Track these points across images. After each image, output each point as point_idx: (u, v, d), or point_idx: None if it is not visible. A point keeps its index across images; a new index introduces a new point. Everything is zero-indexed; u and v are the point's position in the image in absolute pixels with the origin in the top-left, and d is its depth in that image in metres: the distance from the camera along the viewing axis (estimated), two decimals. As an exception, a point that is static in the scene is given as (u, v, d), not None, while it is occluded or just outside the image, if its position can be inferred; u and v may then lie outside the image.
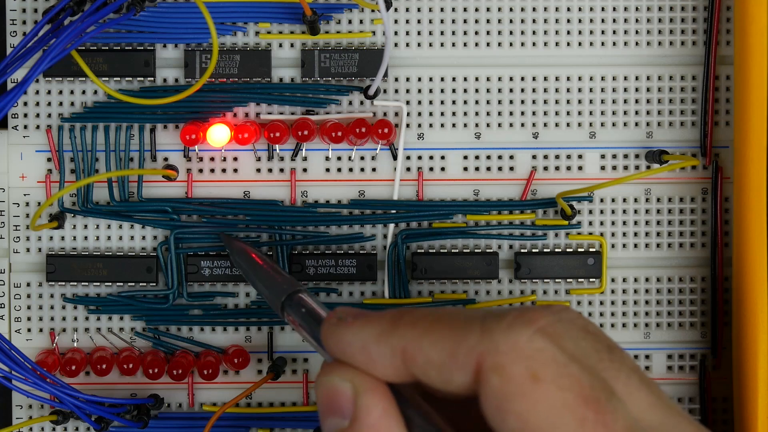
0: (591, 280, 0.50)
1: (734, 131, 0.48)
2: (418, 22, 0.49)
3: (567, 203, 0.49)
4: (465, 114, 0.49)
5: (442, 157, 0.50)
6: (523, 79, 0.49)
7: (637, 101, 0.50)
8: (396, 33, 0.49)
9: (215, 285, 0.49)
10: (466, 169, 0.50)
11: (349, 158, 0.50)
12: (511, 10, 0.49)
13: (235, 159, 0.49)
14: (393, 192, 0.50)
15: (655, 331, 0.50)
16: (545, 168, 0.50)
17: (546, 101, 0.49)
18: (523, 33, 0.49)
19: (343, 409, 0.37)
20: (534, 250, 0.50)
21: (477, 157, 0.50)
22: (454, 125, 0.49)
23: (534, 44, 0.49)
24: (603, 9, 0.49)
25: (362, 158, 0.50)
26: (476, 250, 0.49)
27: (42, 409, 0.50)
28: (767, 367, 0.46)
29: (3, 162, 0.49)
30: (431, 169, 0.50)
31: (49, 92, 0.49)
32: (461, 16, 0.49)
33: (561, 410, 0.34)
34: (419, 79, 0.49)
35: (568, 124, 0.50)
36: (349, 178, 0.50)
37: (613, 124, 0.50)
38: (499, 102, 0.49)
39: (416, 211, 0.49)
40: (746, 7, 0.47)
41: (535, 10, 0.49)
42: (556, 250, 0.50)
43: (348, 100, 0.49)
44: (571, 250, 0.50)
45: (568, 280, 0.50)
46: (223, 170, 0.49)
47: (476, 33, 0.49)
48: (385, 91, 0.49)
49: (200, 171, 0.49)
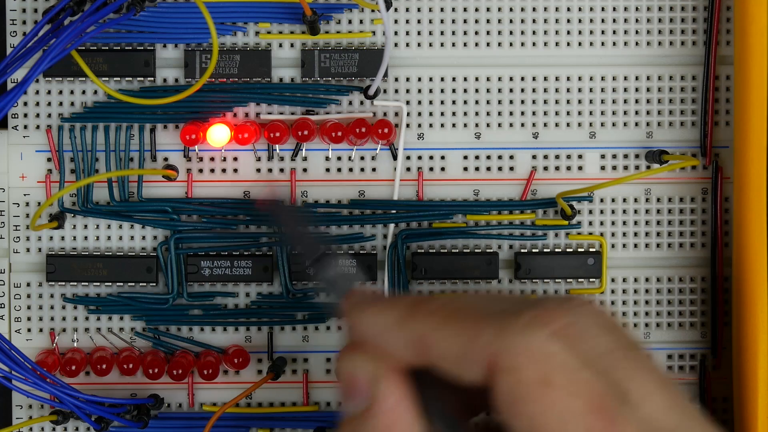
0: (591, 280, 0.50)
1: (734, 131, 0.48)
2: (418, 22, 0.49)
3: (567, 203, 0.49)
4: (465, 114, 0.49)
5: (442, 157, 0.50)
6: (523, 79, 0.49)
7: (637, 101, 0.50)
8: (396, 33, 0.49)
9: (215, 285, 0.49)
10: (466, 169, 0.50)
11: (349, 158, 0.50)
12: (511, 10, 0.49)
13: (235, 159, 0.49)
14: (393, 192, 0.50)
15: (655, 331, 0.50)
16: (545, 168, 0.50)
17: (546, 101, 0.49)
18: (523, 33, 0.49)
19: (361, 393, 0.38)
20: (534, 250, 0.50)
21: (477, 157, 0.50)
22: (454, 125, 0.49)
23: (534, 44, 0.49)
24: (603, 9, 0.49)
25: (362, 158, 0.50)
26: (476, 250, 0.49)
27: (42, 409, 0.50)
28: (767, 367, 0.46)
29: (3, 162, 0.49)
30: (431, 169, 0.50)
31: (49, 92, 0.49)
32: (461, 16, 0.49)
33: (570, 417, 0.34)
34: (419, 79, 0.49)
35: (568, 124, 0.50)
36: (349, 178, 0.50)
37: (613, 124, 0.50)
38: (499, 102, 0.49)
39: (416, 211, 0.49)
40: (746, 7, 0.47)
41: (535, 10, 0.49)
42: (556, 250, 0.50)
43: (348, 100, 0.49)
44: (571, 250, 0.50)
45: (568, 280, 0.49)
46: (223, 170, 0.49)
47: (476, 33, 0.49)
48: (385, 91, 0.49)
49: (200, 171, 0.49)
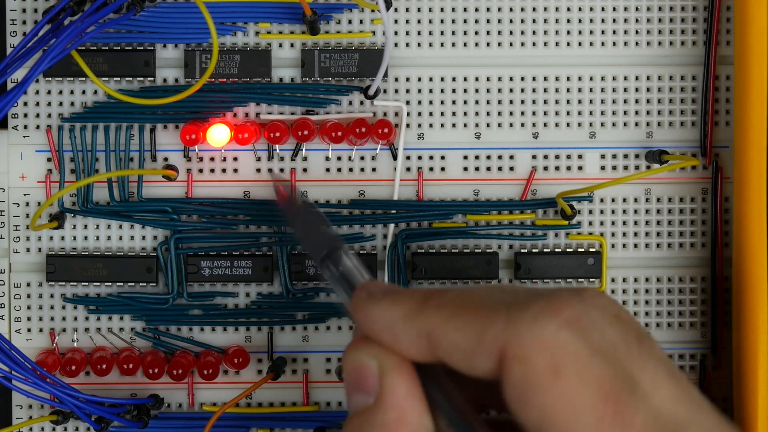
0: (591, 280, 0.50)
1: (734, 131, 0.48)
2: (418, 22, 0.49)
3: (567, 203, 0.49)
4: (465, 114, 0.49)
5: (442, 157, 0.50)
6: (523, 79, 0.49)
7: (637, 101, 0.50)
8: (396, 33, 0.49)
9: (215, 285, 0.49)
10: (466, 169, 0.50)
11: (349, 158, 0.50)
12: (511, 10, 0.49)
13: (235, 159, 0.49)
14: (393, 192, 0.50)
15: (655, 331, 0.50)
16: (545, 168, 0.50)
17: (546, 101, 0.49)
18: (523, 33, 0.49)
19: (368, 387, 0.37)
20: (534, 250, 0.50)
21: (477, 157, 0.50)
22: (454, 125, 0.49)
23: (534, 44, 0.49)
24: (603, 9, 0.49)
25: (362, 158, 0.50)
26: (476, 250, 0.49)
27: (42, 409, 0.50)
28: (767, 367, 0.46)
29: (3, 162, 0.49)
30: (431, 169, 0.50)
31: (49, 92, 0.49)
32: (461, 16, 0.49)
33: (580, 406, 0.34)
34: (419, 79, 0.49)
35: (568, 124, 0.50)
36: (349, 178, 0.50)
37: (613, 124, 0.50)
38: (499, 102, 0.49)
39: (416, 211, 0.49)
40: (746, 7, 0.47)
41: (535, 10, 0.49)
42: (556, 250, 0.50)
43: (348, 100, 0.49)
44: (571, 250, 0.50)
45: (568, 280, 0.49)
46: (223, 170, 0.49)
47: (476, 33, 0.49)
48: (385, 91, 0.49)
49: (200, 171, 0.49)
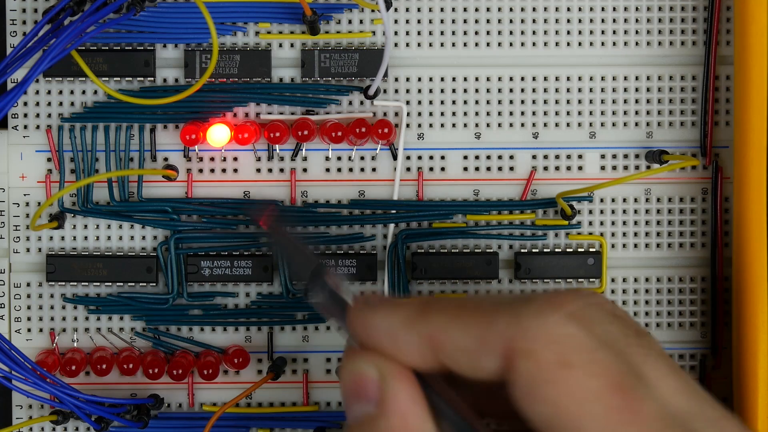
0: (591, 280, 0.50)
1: (734, 131, 0.48)
2: (418, 22, 0.49)
3: (567, 203, 0.49)
4: (465, 114, 0.49)
5: (442, 157, 0.50)
6: (523, 79, 0.49)
7: (637, 101, 0.50)
8: (396, 33, 0.49)
9: (215, 285, 0.49)
10: (466, 169, 0.50)
11: (349, 158, 0.50)
12: (511, 10, 0.49)
13: (235, 159, 0.49)
14: (393, 192, 0.50)
15: (655, 331, 0.50)
16: (545, 168, 0.50)
17: (546, 101, 0.49)
18: (523, 33, 0.49)
19: (369, 395, 0.37)
20: (534, 250, 0.50)
21: (477, 157, 0.50)
22: (454, 125, 0.49)
23: (534, 44, 0.49)
24: (603, 9, 0.49)
25: (362, 158, 0.50)
26: (476, 250, 0.49)
27: (42, 409, 0.50)
28: (767, 367, 0.46)
29: (3, 162, 0.49)
30: (431, 169, 0.50)
31: (49, 92, 0.49)
32: (461, 16, 0.49)
33: (590, 397, 0.34)
34: (419, 79, 0.49)
35: (568, 124, 0.50)
36: (349, 178, 0.50)
37: (613, 124, 0.50)
38: (499, 102, 0.49)
39: (416, 211, 0.49)
40: (746, 7, 0.47)
41: (535, 10, 0.49)
42: (556, 250, 0.50)
43: (348, 100, 0.49)
44: (571, 250, 0.50)
45: (568, 280, 0.49)
46: (223, 170, 0.49)
47: (476, 33, 0.49)
48: (385, 91, 0.49)
49: (200, 171, 0.49)
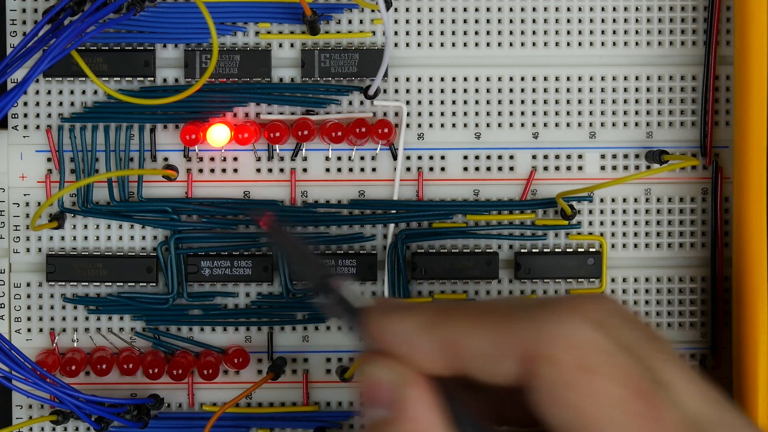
0: (591, 280, 0.50)
1: (734, 131, 0.48)
2: (418, 22, 0.49)
3: (567, 203, 0.49)
4: (465, 114, 0.49)
5: (442, 157, 0.50)
6: (523, 79, 0.49)
7: (637, 101, 0.50)
8: (396, 33, 0.49)
9: (215, 285, 0.49)
10: (466, 169, 0.50)
11: (349, 158, 0.50)
12: (511, 10, 0.49)
13: (235, 159, 0.49)
14: (393, 192, 0.50)
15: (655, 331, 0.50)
16: (545, 168, 0.50)
17: (546, 101, 0.49)
18: (523, 33, 0.49)
19: (385, 400, 0.36)
20: (534, 250, 0.50)
21: (477, 157, 0.50)
22: (454, 125, 0.49)
23: (534, 44, 0.49)
24: (603, 9, 0.49)
25: (362, 158, 0.50)
26: (476, 250, 0.49)
27: (42, 409, 0.50)
28: (767, 367, 0.46)
29: (3, 162, 0.49)
30: (431, 169, 0.50)
31: (49, 92, 0.49)
32: (461, 16, 0.49)
33: (613, 403, 0.33)
34: (419, 79, 0.49)
35: (568, 124, 0.50)
36: (349, 178, 0.50)
37: (613, 124, 0.50)
38: (499, 102, 0.49)
39: (416, 211, 0.49)
40: (746, 7, 0.47)
41: (535, 10, 0.49)
42: (556, 250, 0.50)
43: (348, 100, 0.49)
44: (571, 250, 0.50)
45: (568, 280, 0.49)
46: (223, 170, 0.49)
47: (476, 33, 0.49)
48: (385, 91, 0.49)
49: (200, 171, 0.49)
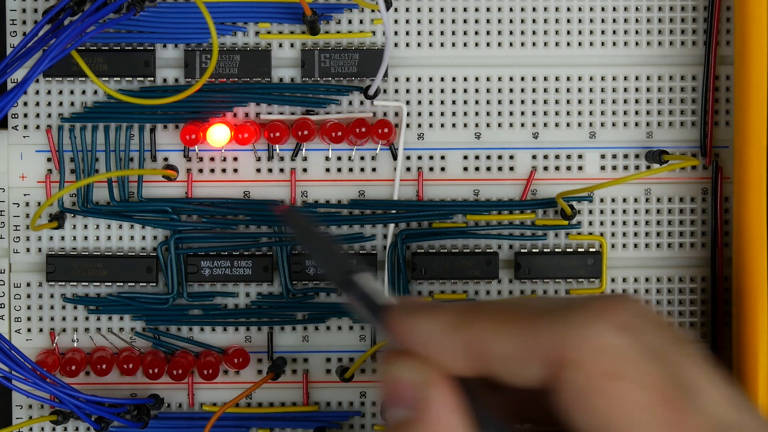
0: (591, 280, 0.50)
1: (734, 131, 0.48)
2: (418, 22, 0.49)
3: (567, 203, 0.49)
4: (465, 114, 0.49)
5: (442, 157, 0.50)
6: (523, 79, 0.49)
7: (637, 101, 0.50)
8: (396, 33, 0.49)
9: (215, 285, 0.49)
10: (466, 169, 0.50)
11: (349, 158, 0.50)
12: (511, 10, 0.49)
13: (235, 159, 0.49)
14: (393, 192, 0.50)
15: (655, 331, 0.50)
16: (545, 168, 0.50)
17: (546, 101, 0.49)
18: (523, 33, 0.49)
19: (408, 400, 0.36)
20: (534, 250, 0.50)
21: (477, 157, 0.50)
22: (454, 125, 0.49)
23: (534, 44, 0.49)
24: (603, 9, 0.49)
25: (362, 158, 0.50)
26: (476, 250, 0.49)
27: (42, 409, 0.50)
28: (767, 367, 0.46)
29: (3, 162, 0.49)
30: (431, 169, 0.50)
31: (49, 92, 0.49)
32: (461, 16, 0.49)
33: (639, 409, 0.33)
34: (419, 79, 0.49)
35: (568, 124, 0.50)
36: (349, 178, 0.50)
37: (613, 124, 0.50)
38: (499, 102, 0.49)
39: (416, 211, 0.49)
40: (746, 7, 0.47)
41: (535, 10, 0.49)
42: (556, 250, 0.50)
43: (348, 100, 0.49)
44: (571, 250, 0.50)
45: (568, 280, 0.49)
46: (223, 170, 0.49)
47: (476, 33, 0.49)
48: (385, 91, 0.49)
49: (200, 171, 0.49)
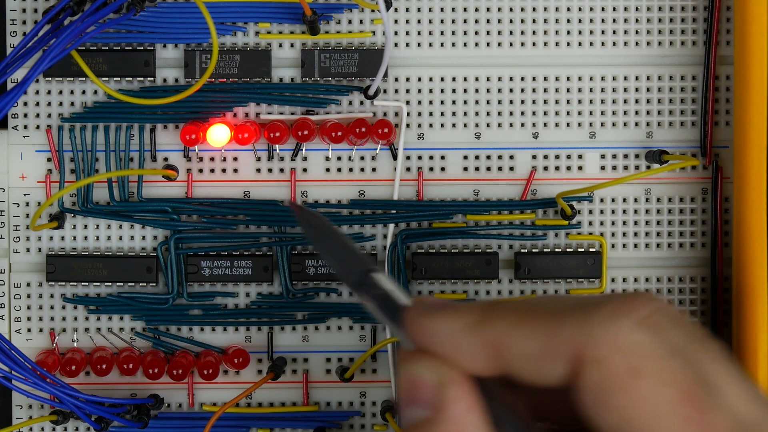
0: (591, 280, 0.50)
1: (734, 131, 0.48)
2: (418, 22, 0.49)
3: (567, 203, 0.49)
4: (465, 114, 0.49)
5: (442, 157, 0.50)
6: (523, 79, 0.49)
7: (637, 101, 0.50)
8: (396, 33, 0.49)
9: (215, 285, 0.49)
10: (466, 169, 0.50)
11: (349, 158, 0.50)
12: (511, 10, 0.49)
13: (235, 159, 0.49)
14: (393, 192, 0.50)
15: (655, 331, 0.50)
16: (545, 168, 0.50)
17: (546, 101, 0.49)
18: (523, 33, 0.49)
19: (426, 400, 0.35)
20: (534, 250, 0.49)
21: (477, 157, 0.50)
22: (454, 125, 0.49)
23: (534, 44, 0.49)
24: (603, 9, 0.49)
25: (362, 158, 0.50)
26: (476, 250, 0.49)
27: (42, 409, 0.50)
28: (767, 367, 0.46)
29: (3, 162, 0.49)
30: (431, 169, 0.50)
31: (49, 92, 0.49)
32: (461, 16, 0.49)
33: (663, 407, 0.33)
34: (419, 79, 0.49)
35: (568, 124, 0.50)
36: (349, 178, 0.50)
37: (613, 124, 0.50)
38: (499, 102, 0.49)
39: (416, 211, 0.49)
40: (746, 7, 0.47)
41: (535, 10, 0.49)
42: (556, 250, 0.50)
43: (348, 100, 0.49)
44: (571, 250, 0.50)
45: (568, 280, 0.49)
46: (223, 170, 0.49)
47: (476, 33, 0.49)
48: (385, 91, 0.49)
49: (200, 171, 0.49)
